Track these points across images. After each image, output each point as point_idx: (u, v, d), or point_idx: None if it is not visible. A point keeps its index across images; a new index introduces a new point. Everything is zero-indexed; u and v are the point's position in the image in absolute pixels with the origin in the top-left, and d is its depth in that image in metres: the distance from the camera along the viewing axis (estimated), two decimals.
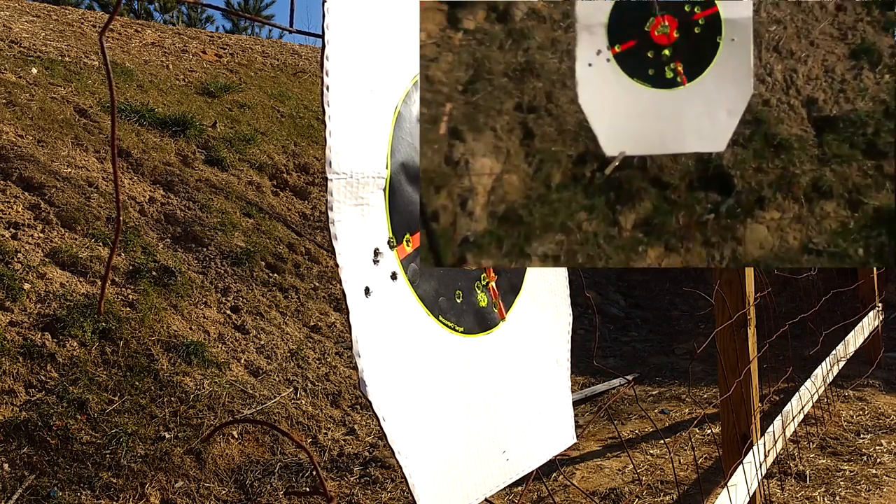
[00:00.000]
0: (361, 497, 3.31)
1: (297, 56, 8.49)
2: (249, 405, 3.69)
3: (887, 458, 3.38)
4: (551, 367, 1.78)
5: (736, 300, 2.57)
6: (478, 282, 1.58)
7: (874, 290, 4.76)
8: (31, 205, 4.15)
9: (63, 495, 2.95)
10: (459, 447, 1.46)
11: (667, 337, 6.10)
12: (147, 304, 3.89)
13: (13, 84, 5.12)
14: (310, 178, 5.88)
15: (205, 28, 12.41)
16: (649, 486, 3.27)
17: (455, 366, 1.47)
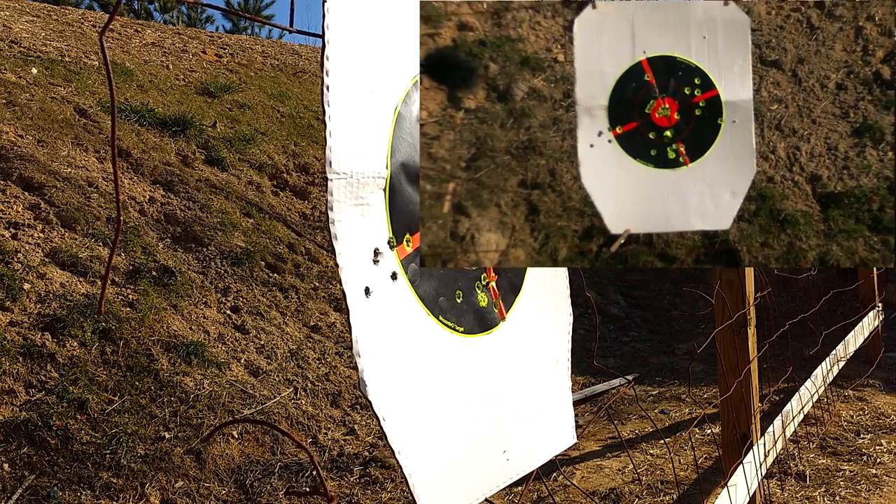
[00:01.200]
0: (361, 497, 3.31)
1: (297, 56, 8.49)
2: (249, 405, 3.69)
3: (887, 458, 3.38)
4: (551, 367, 1.78)
5: (736, 300, 2.57)
6: (478, 282, 1.58)
7: (874, 290, 4.76)
8: (31, 205, 4.15)
9: (63, 495, 2.95)
10: (459, 447, 1.46)
11: (667, 337, 6.09)
12: (147, 304, 3.89)
13: (13, 84, 5.12)
14: (310, 178, 5.88)
15: (205, 28, 12.41)
16: (649, 486, 3.27)
17: (455, 366, 1.47)
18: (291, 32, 1.32)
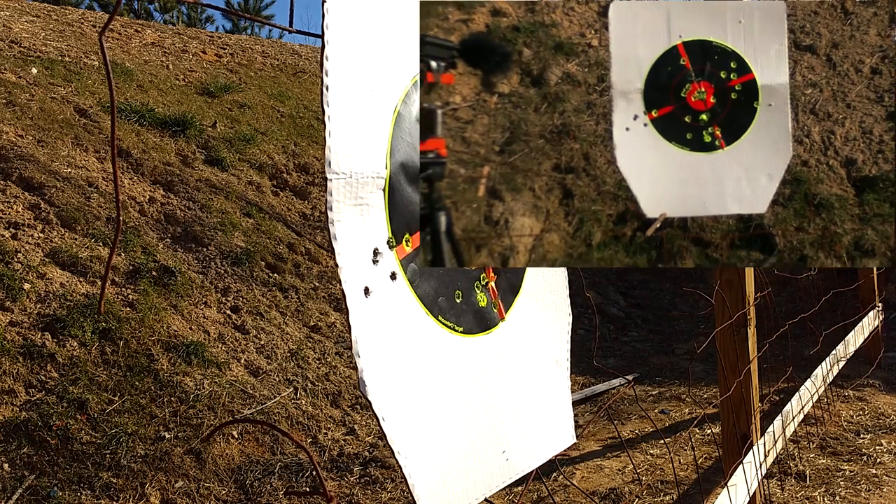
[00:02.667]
0: (361, 497, 3.31)
1: (297, 56, 8.49)
2: (249, 405, 3.69)
3: (887, 458, 3.38)
4: (551, 367, 1.78)
5: (736, 300, 2.57)
6: (477, 282, 1.58)
7: (874, 290, 4.76)
8: (31, 205, 4.15)
9: (63, 495, 2.95)
10: (459, 447, 1.46)
11: (667, 337, 6.09)
12: (147, 304, 3.89)
13: (13, 84, 5.12)
14: (310, 178, 5.88)
15: (205, 28, 12.41)
16: (649, 486, 3.27)
17: (455, 366, 1.47)
18: (291, 32, 1.32)
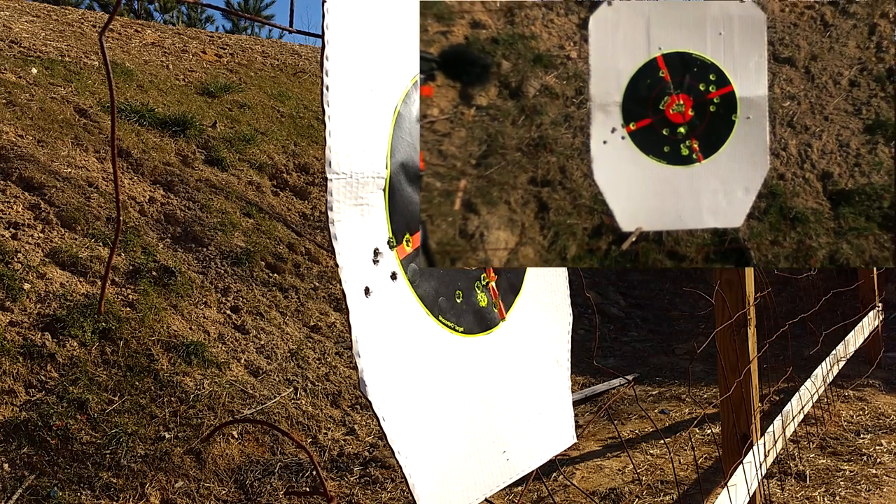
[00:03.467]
0: (361, 497, 3.31)
1: (297, 56, 8.49)
2: (249, 405, 3.69)
3: (887, 458, 3.38)
4: (551, 367, 1.78)
5: (736, 300, 2.57)
6: (478, 282, 1.58)
7: (874, 290, 4.76)
8: (31, 205, 4.15)
9: (63, 495, 2.95)
10: (459, 447, 1.46)
11: (667, 337, 6.09)
12: (147, 304, 3.89)
13: (13, 84, 5.12)
14: (310, 178, 5.88)
15: (205, 28, 12.41)
16: (649, 486, 3.27)
17: (455, 366, 1.47)
18: (291, 32, 1.32)
